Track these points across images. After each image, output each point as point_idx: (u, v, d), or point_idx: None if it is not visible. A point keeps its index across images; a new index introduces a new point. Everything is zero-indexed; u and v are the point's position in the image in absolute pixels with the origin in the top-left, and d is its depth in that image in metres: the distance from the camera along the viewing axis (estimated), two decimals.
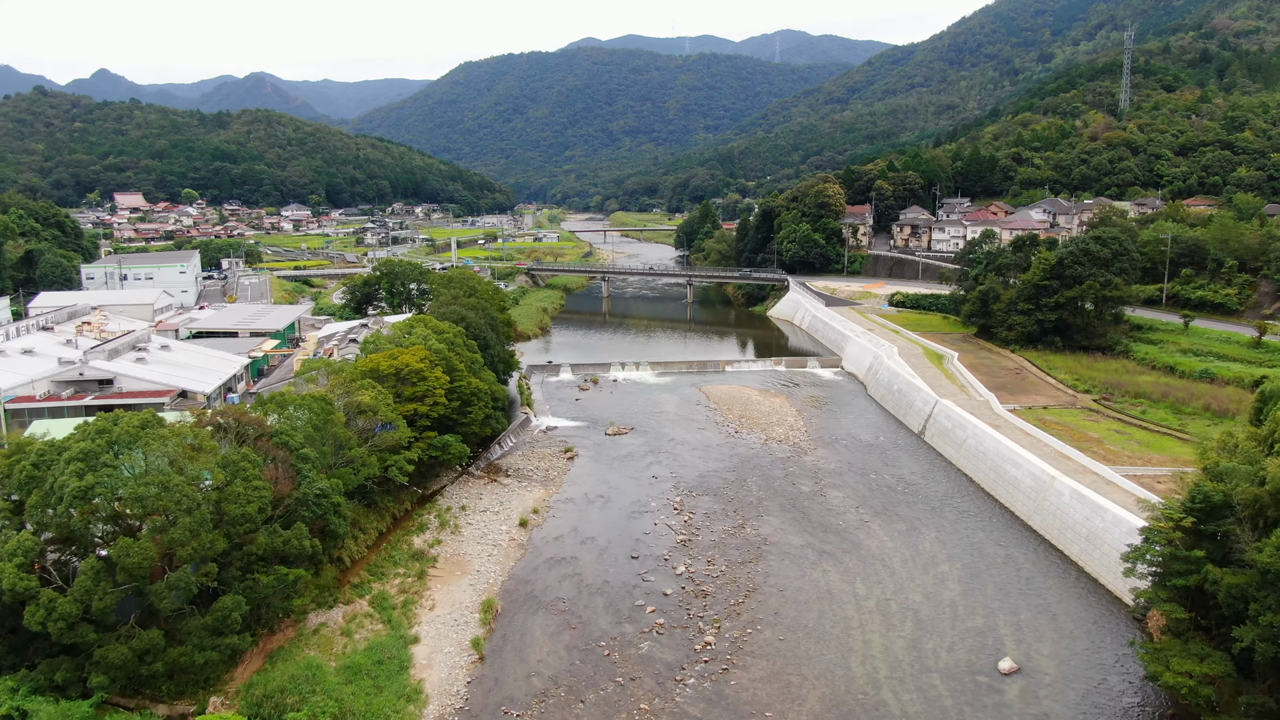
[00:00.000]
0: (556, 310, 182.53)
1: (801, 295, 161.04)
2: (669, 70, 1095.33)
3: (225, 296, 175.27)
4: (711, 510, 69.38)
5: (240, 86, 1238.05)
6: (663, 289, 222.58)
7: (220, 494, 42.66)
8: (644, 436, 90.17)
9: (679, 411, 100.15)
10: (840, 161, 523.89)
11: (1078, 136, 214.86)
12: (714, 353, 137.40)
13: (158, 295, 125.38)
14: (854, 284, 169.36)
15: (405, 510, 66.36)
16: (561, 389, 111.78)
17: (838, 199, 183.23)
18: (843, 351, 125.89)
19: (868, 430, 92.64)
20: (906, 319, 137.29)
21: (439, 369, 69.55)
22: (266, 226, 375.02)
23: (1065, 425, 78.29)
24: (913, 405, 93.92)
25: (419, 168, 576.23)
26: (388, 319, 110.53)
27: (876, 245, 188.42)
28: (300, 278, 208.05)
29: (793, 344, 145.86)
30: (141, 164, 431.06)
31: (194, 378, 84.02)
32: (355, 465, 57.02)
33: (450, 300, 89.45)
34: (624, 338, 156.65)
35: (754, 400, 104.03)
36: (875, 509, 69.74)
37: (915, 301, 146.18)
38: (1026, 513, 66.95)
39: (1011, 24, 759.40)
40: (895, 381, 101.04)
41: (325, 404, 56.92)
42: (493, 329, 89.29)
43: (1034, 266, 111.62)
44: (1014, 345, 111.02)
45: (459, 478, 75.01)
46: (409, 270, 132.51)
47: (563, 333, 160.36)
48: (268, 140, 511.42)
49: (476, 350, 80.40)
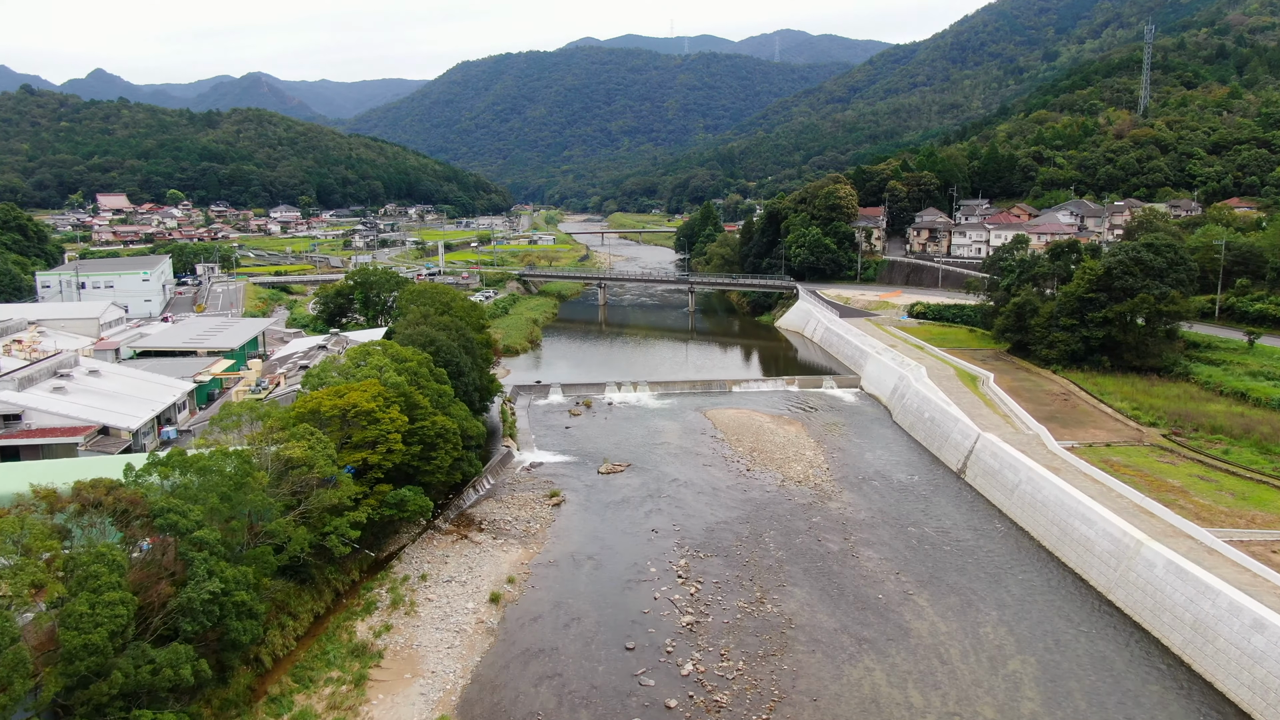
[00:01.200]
0: (549, 320, 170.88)
1: (812, 305, 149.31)
2: (668, 70, 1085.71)
3: (194, 306, 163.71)
4: (723, 578, 57.72)
5: (237, 86, 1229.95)
6: (662, 296, 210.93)
7: (57, 615, 30.97)
8: (642, 475, 78.52)
9: (681, 442, 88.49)
10: (843, 162, 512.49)
11: (1101, 134, 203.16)
12: (719, 369, 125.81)
13: (105, 308, 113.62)
14: (868, 292, 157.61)
15: (351, 583, 54.70)
16: (550, 414, 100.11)
17: (849, 201, 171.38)
18: (861, 370, 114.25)
19: (898, 467, 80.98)
20: (929, 332, 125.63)
21: (395, 408, 57.88)
22: (253, 228, 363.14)
23: (1137, 469, 66.62)
24: (949, 438, 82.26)
25: (413, 168, 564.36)
26: (353, 335, 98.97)
27: (891, 250, 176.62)
28: (279, 284, 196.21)
29: (804, 358, 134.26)
30: (127, 164, 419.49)
31: (120, 410, 72.29)
32: (278, 540, 45.39)
33: (418, 319, 77.73)
34: (621, 350, 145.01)
35: (766, 428, 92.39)
36: (920, 576, 58.08)
37: (938, 313, 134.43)
38: (1105, 584, 55.29)
39: (1015, 22, 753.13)
40: (926, 408, 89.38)
41: (241, 463, 45.27)
42: (468, 352, 77.63)
43: (1077, 277, 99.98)
44: (1055, 365, 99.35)
45: (422, 534, 63.31)
46: (385, 279, 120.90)
47: (555, 344, 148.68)
48: (258, 140, 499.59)
49: (446, 380, 68.71)
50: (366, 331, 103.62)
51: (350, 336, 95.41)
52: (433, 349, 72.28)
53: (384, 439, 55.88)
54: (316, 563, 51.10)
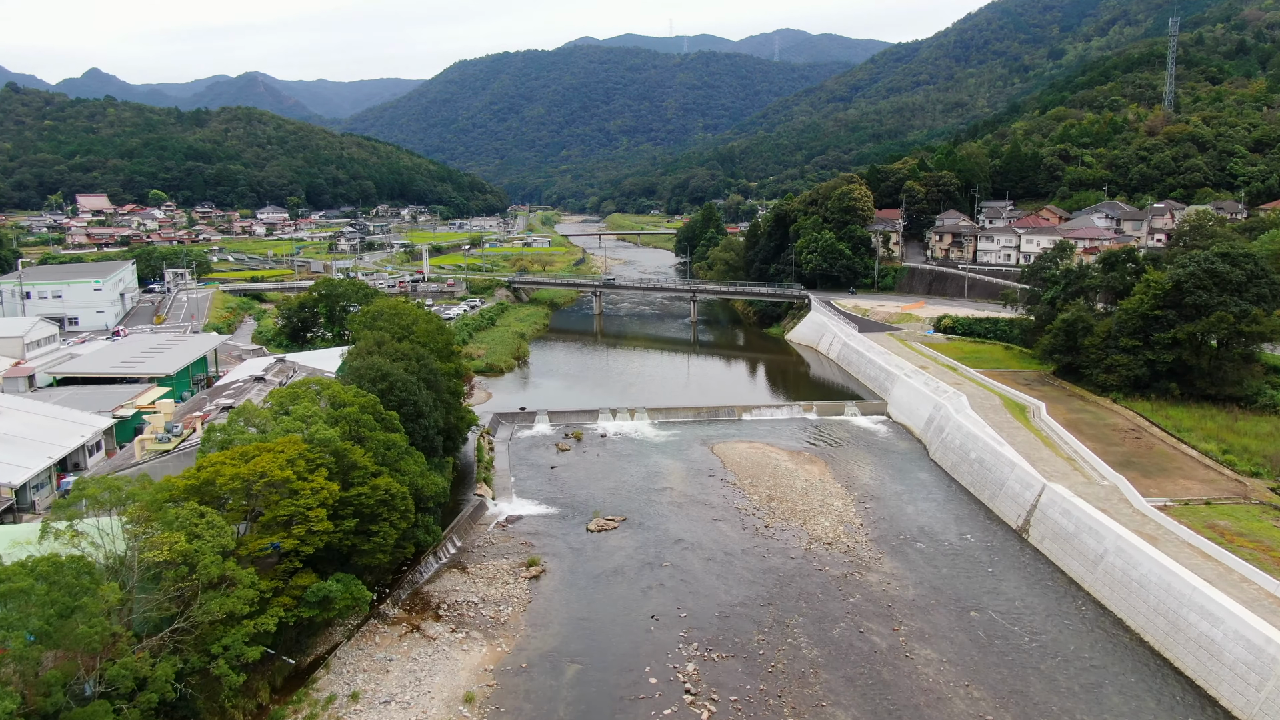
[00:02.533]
0: (540, 331, 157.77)
1: (827, 317, 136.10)
2: (667, 69, 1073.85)
3: (154, 317, 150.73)
4: (744, 693, 44.78)
5: (233, 86, 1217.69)
6: (662, 304, 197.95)
7: None
8: (640, 533, 65.61)
9: (686, 487, 75.58)
10: (846, 161, 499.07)
11: (1132, 131, 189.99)
12: (727, 392, 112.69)
13: (32, 324, 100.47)
14: (888, 303, 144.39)
15: (258, 707, 41.75)
16: (535, 448, 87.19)
17: (865, 203, 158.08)
18: (888, 394, 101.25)
19: (944, 522, 68.05)
20: (960, 350, 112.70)
21: (322, 473, 44.96)
22: (237, 230, 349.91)
23: (1254, 539, 53.72)
24: (1004, 486, 69.33)
25: (406, 168, 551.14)
26: (305, 360, 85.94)
27: (910, 256, 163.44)
28: (252, 292, 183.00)
29: (820, 377, 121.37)
30: (109, 164, 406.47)
31: (3, 459, 59.44)
32: (127, 685, 32.46)
33: (371, 347, 64.67)
34: (617, 365, 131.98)
35: (784, 469, 79.49)
36: (996, 689, 45.16)
37: (968, 327, 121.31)
38: (1245, 710, 42.31)
39: (1019, 20, 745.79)
40: (972, 446, 76.44)
41: (79, 573, 32.39)
42: (430, 386, 64.63)
43: (1139, 292, 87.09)
44: (1115, 392, 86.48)
45: (362, 626, 50.30)
46: (352, 291, 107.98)
47: (545, 360, 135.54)
48: (247, 139, 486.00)
49: (399, 426, 55.73)
50: (325, 352, 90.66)
51: (299, 362, 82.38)
52: (385, 385, 59.29)
53: (303, 516, 42.93)
54: (205, 692, 38.19)
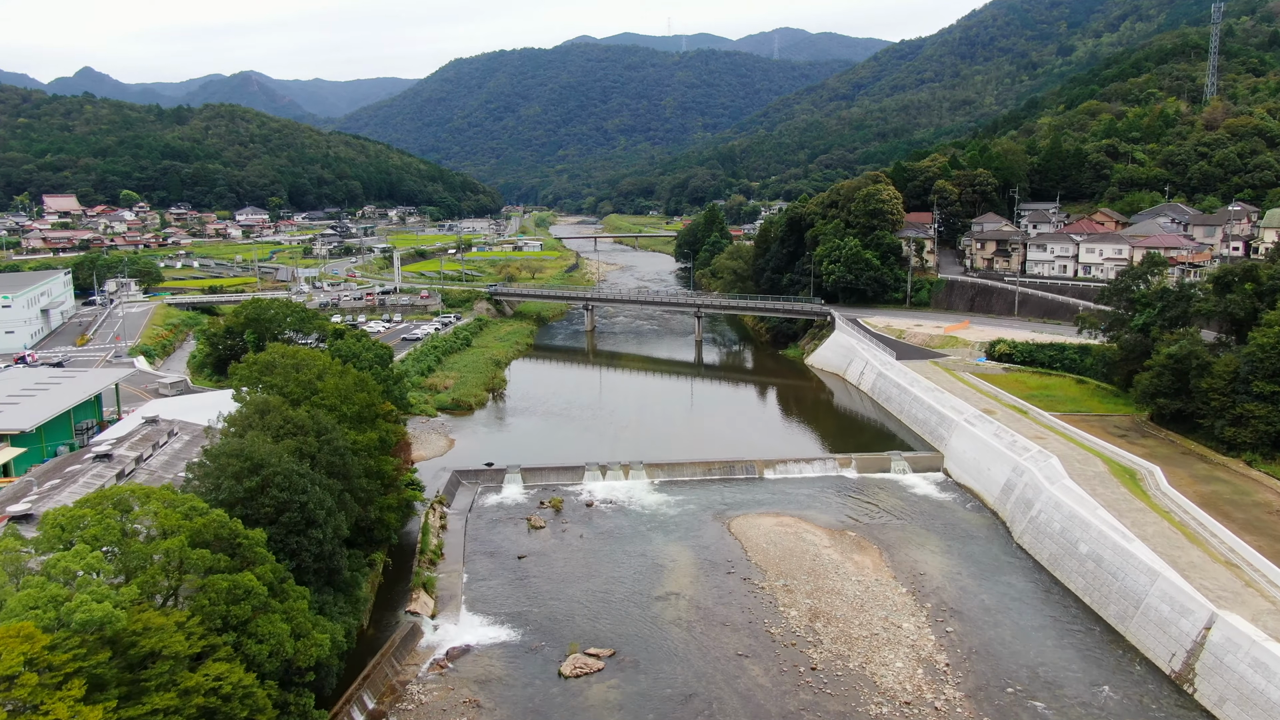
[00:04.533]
0: (522, 351, 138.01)
1: (856, 339, 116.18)
2: (665, 67, 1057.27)
3: (78, 337, 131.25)
4: None
5: (227, 85, 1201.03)
6: (662, 316, 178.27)
7: None
8: (632, 680, 46.12)
9: (698, 593, 56.03)
10: (852, 160, 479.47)
11: (1186, 125, 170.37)
12: (741, 437, 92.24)
13: None
14: (925, 321, 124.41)
15: None
16: (501, 524, 67.68)
17: (895, 205, 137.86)
18: (942, 443, 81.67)
19: (1063, 659, 48.45)
20: (1024, 385, 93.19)
21: (77, 686, 25.43)
22: (210, 233, 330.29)
23: None
24: (1142, 604, 49.76)
25: (396, 167, 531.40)
26: (200, 402, 66.01)
27: (945, 267, 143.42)
28: (202, 305, 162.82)
29: (849, 412, 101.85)
30: (81, 163, 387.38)
31: None
32: None
33: (250, 416, 45.05)
34: (610, 395, 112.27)
35: (826, 559, 60.00)
36: None
37: (1028, 355, 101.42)
38: None
39: (1025, 16, 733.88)
40: (1080, 534, 56.79)
41: None
42: (337, 473, 45.02)
43: (1274, 321, 67.71)
44: (1249, 452, 67.09)
45: None
46: (284, 314, 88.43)
47: (525, 389, 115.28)
48: (229, 137, 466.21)
49: (262, 554, 36.12)
50: (227, 395, 70.54)
51: (184, 416, 62.31)
52: (255, 483, 39.69)
53: None
54: None
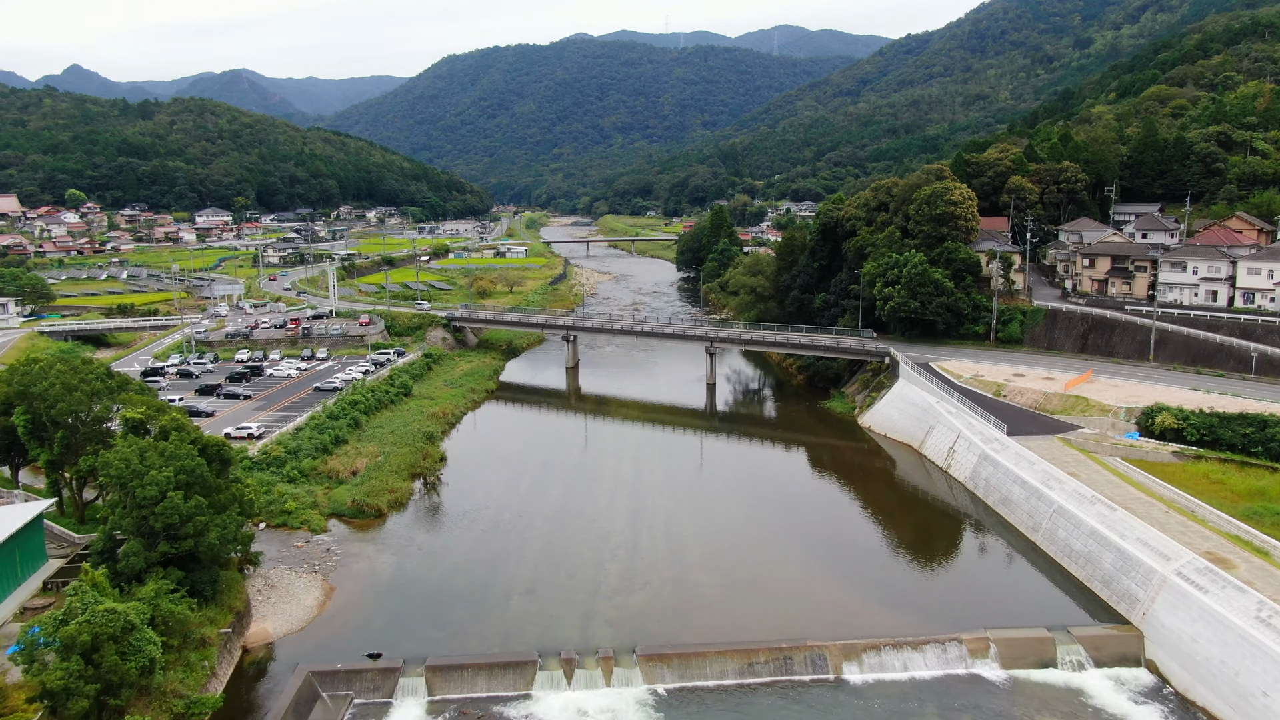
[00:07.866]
0: (479, 400, 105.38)
1: (936, 395, 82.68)
2: (663, 63, 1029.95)
3: None
4: None
5: (217, 83, 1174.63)
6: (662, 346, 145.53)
7: None
8: None
9: None
10: (862, 157, 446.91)
11: None
12: (781, 557, 59.30)
13: None
14: (1026, 368, 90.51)
15: None
16: None
17: (968, 208, 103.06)
18: (1135, 606, 49.26)
19: None
20: (1225, 486, 60.43)
21: None
22: (159, 237, 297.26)
23: None
24: None
25: (377, 165, 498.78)
26: None
27: (1036, 290, 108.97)
28: (90, 334, 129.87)
29: (936, 509, 69.47)
30: (28, 160, 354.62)
31: None
32: None
33: None
34: (593, 468, 79.61)
35: None
36: None
37: (1206, 429, 67.29)
38: None
39: (1038, 9, 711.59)
40: None
41: None
42: None
43: None
44: None
45: None
46: (71, 384, 56.17)
47: (470, 471, 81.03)
48: (195, 133, 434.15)
49: None
50: None
51: None
52: None
53: None
54: None
